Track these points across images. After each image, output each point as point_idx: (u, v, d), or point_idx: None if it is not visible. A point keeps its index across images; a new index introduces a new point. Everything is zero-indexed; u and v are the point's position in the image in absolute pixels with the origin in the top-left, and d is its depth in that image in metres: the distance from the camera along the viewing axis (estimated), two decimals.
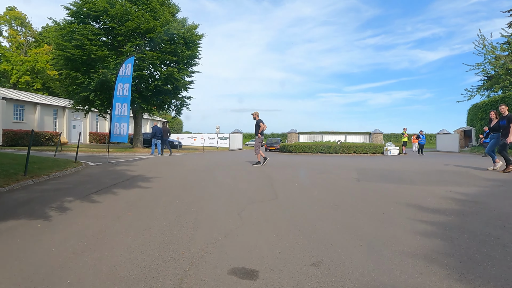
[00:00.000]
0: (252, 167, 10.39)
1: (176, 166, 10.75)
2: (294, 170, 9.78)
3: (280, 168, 10.46)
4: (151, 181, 7.26)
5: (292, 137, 35.01)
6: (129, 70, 10.95)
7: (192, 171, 9.47)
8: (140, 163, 11.91)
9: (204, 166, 10.82)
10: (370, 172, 9.30)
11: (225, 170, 9.86)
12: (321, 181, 7.52)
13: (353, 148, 20.70)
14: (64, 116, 28.27)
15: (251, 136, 64.38)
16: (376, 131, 33.94)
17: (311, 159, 15.31)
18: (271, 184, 6.93)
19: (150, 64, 18.88)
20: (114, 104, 11.08)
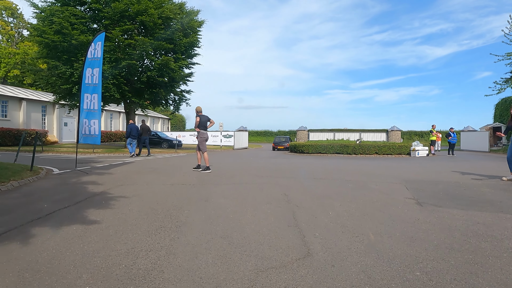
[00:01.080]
0: (261, 179, 7.85)
1: (161, 176, 8.27)
2: (318, 184, 7.21)
3: (298, 179, 7.90)
4: (109, 207, 4.78)
5: (301, 135, 32.40)
6: (99, 51, 8.48)
7: (179, 185, 6.96)
8: (119, 170, 9.45)
9: (197, 177, 8.31)
10: (424, 186, 6.71)
11: (224, 182, 7.35)
12: (365, 205, 4.97)
13: (374, 148, 18.04)
14: (54, 112, 26.02)
15: (258, 133, 61.85)
16: (394, 128, 31.18)
17: (331, 163, 12.71)
18: (292, 215, 4.39)
19: (142, 52, 16.41)
20: (82, 95, 8.62)
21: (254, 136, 58.98)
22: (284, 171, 9.49)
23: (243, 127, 36.22)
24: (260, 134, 62.51)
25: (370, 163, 12.83)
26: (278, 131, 61.66)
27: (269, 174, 8.67)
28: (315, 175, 8.61)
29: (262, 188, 6.45)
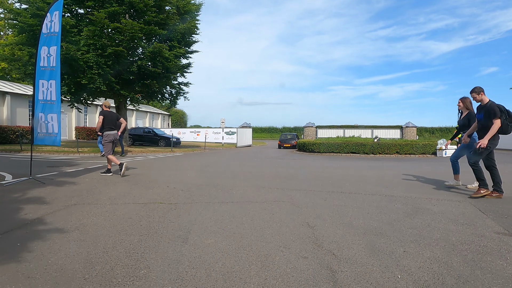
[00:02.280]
0: (270, 194, 5.83)
1: (137, 188, 6.28)
2: (350, 202, 5.15)
3: (319, 193, 5.86)
4: (17, 259, 2.80)
5: (309, 132, 30.33)
6: (57, 24, 6.47)
7: (154, 205, 4.97)
8: (89, 177, 7.49)
9: (184, 191, 6.31)
10: (501, 206, 4.64)
11: (218, 199, 5.34)
12: (443, 251, 2.96)
13: (395, 147, 15.93)
14: None
15: (262, 130, 59.74)
16: (409, 125, 29.01)
17: (352, 167, 10.64)
18: (332, 279, 2.36)
19: (131, 38, 14.38)
20: (37, 82, 6.61)
21: (258, 132, 56.91)
22: (297, 179, 7.45)
23: (246, 123, 34.21)
24: (264, 130, 60.45)
25: (397, 166, 10.75)
26: (283, 128, 59.55)
27: (280, 185, 6.65)
28: (341, 185, 6.57)
29: (273, 212, 4.43)
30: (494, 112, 5.06)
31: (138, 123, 38.45)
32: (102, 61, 14.07)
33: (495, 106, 5.11)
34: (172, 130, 34.32)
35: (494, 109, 5.07)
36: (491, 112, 5.08)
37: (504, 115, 5.11)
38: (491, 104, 5.17)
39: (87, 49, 14.20)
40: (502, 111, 5.12)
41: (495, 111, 5.05)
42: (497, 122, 5.04)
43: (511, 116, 5.14)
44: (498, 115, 5.04)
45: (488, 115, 5.13)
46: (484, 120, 5.22)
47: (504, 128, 5.10)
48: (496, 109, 5.06)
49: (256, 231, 3.59)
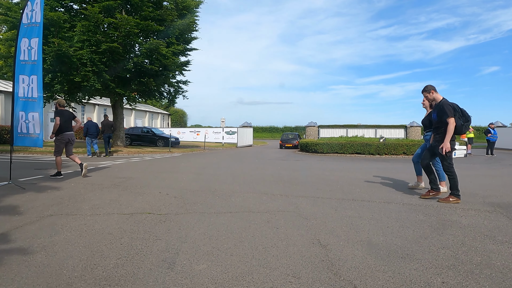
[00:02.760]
0: (273, 202, 5.21)
1: (125, 195, 5.68)
2: (366, 212, 4.53)
3: (328, 201, 5.24)
4: None
5: (311, 132, 29.70)
6: (38, 13, 5.87)
7: (141, 216, 4.37)
8: (74, 182, 6.89)
9: (177, 198, 5.72)
10: None
11: (215, 209, 4.74)
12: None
13: (402, 147, 15.29)
14: None
15: (263, 129, 59.10)
16: (413, 124, 28.35)
17: (359, 169, 10.04)
18: None
19: (127, 34, 13.76)
20: (17, 78, 6.01)
21: (258, 132, 56.29)
22: (302, 184, 6.84)
23: (247, 123, 33.60)
24: (265, 130, 59.82)
25: (408, 169, 10.13)
26: (284, 127, 58.93)
27: (283, 190, 6.04)
28: (351, 191, 5.96)
29: (277, 226, 3.82)
30: (446, 111, 4.72)
31: (137, 123, 37.87)
32: (97, 58, 13.47)
33: (447, 104, 4.79)
34: (171, 129, 33.73)
35: (446, 108, 4.74)
36: (443, 111, 4.75)
37: (458, 114, 4.81)
38: (443, 102, 4.84)
39: (81, 45, 13.60)
40: (456, 110, 4.81)
41: (447, 110, 4.72)
42: (451, 122, 4.70)
43: (465, 115, 4.86)
44: (451, 115, 4.73)
45: (441, 115, 4.80)
46: (438, 120, 4.89)
47: (458, 128, 4.78)
48: (448, 108, 4.74)
49: (258, 252, 2.99)
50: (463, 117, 4.83)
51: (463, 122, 4.82)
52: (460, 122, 4.79)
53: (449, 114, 4.72)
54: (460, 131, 4.87)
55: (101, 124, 14.85)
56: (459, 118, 4.80)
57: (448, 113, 4.72)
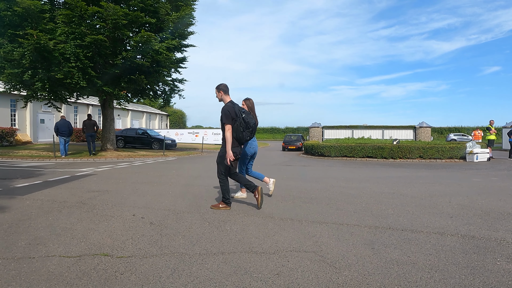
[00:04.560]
0: (280, 234, 3.81)
1: (89, 218, 4.32)
2: (419, 254, 3.15)
3: (356, 229, 3.87)
4: None
5: (315, 133, 28.31)
6: None
7: (91, 265, 3.00)
8: (32, 199, 5.54)
9: (154, 224, 4.36)
10: None
11: (202, 251, 3.37)
12: None
13: (418, 150, 13.90)
14: (28, 108, 22.21)
15: (264, 130, 57.78)
16: (423, 125, 26.94)
17: (379, 177, 8.67)
18: None
19: (114, 26, 12.42)
20: None
21: (259, 133, 54.99)
22: (317, 200, 5.47)
23: None
24: (267, 131, 58.52)
25: (438, 178, 8.76)
26: (285, 128, 57.64)
27: (294, 211, 4.67)
28: (383, 213, 4.59)
29: (294, 283, 2.45)
30: (223, 117, 4.47)
31: (133, 124, 36.56)
32: (81, 52, 12.13)
33: (227, 109, 4.46)
34: (169, 131, 32.45)
35: (224, 113, 4.46)
36: (222, 116, 4.49)
37: (239, 120, 4.50)
38: (224, 107, 4.52)
39: (64, 38, 12.26)
40: (237, 115, 4.51)
41: (224, 115, 4.45)
42: (226, 128, 4.43)
43: (247, 121, 4.55)
44: (227, 121, 4.45)
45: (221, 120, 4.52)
46: (222, 125, 4.54)
47: (238, 134, 4.49)
48: (226, 113, 4.45)
49: None
50: (244, 123, 4.53)
51: (244, 129, 4.51)
52: (240, 128, 4.49)
53: (224, 120, 4.46)
54: (240, 138, 4.54)
55: (83, 124, 14.45)
56: (239, 124, 4.49)
57: (224, 119, 4.46)
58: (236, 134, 4.49)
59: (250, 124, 4.58)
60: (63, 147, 13.63)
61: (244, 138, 4.58)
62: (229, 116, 4.45)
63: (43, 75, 12.33)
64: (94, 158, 13.34)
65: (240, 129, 4.50)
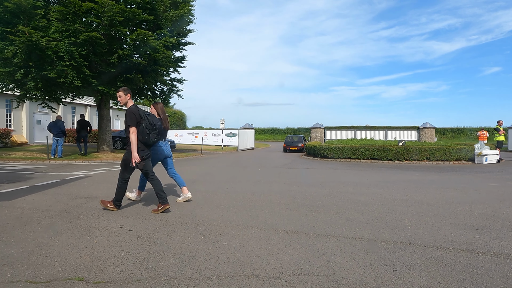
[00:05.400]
0: (287, 253, 3.32)
1: (67, 233, 3.86)
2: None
3: (374, 246, 3.38)
4: None
5: (317, 133, 27.85)
6: None
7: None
8: (12, 207, 5.07)
9: (141, 238, 3.89)
10: None
11: (195, 274, 2.89)
12: None
13: (424, 152, 13.41)
14: (23, 108, 21.81)
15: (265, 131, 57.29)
16: (426, 125, 26.49)
17: (390, 183, 8.19)
18: None
19: (110, 23, 11.96)
20: None
21: (260, 134, 54.50)
22: (324, 208, 4.99)
23: (248, 124, 31.79)
24: (267, 132, 58.01)
25: (450, 182, 8.29)
26: (286, 129, 57.12)
27: (300, 223, 4.20)
28: (399, 225, 4.12)
29: None
30: (128, 119, 4.46)
31: None
32: (75, 50, 11.67)
33: (132, 111, 4.45)
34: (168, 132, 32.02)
35: (129, 115, 4.45)
36: (127, 119, 4.46)
37: (145, 122, 4.51)
38: (129, 109, 4.52)
39: (58, 36, 11.80)
40: (142, 117, 4.51)
41: (129, 117, 4.44)
42: (131, 131, 4.41)
43: (153, 124, 4.60)
44: (132, 123, 4.41)
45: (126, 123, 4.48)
46: (126, 127, 4.52)
47: (144, 137, 4.48)
48: (131, 116, 4.43)
49: None
50: (150, 125, 4.54)
51: (150, 131, 4.51)
52: (145, 130, 4.48)
53: (130, 122, 4.42)
54: (147, 140, 4.52)
55: (76, 124, 14.34)
56: (145, 127, 4.48)
57: (128, 121, 4.43)
58: (142, 136, 4.46)
59: (156, 126, 4.61)
60: (54, 148, 13.28)
61: (151, 140, 4.57)
62: (134, 118, 4.42)
63: (35, 74, 11.88)
64: (89, 160, 12.89)
65: (146, 131, 4.49)
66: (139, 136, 4.44)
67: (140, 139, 4.46)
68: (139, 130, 4.44)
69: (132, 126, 4.40)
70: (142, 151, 4.51)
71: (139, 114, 4.48)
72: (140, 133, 4.44)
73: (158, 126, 4.68)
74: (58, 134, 13.34)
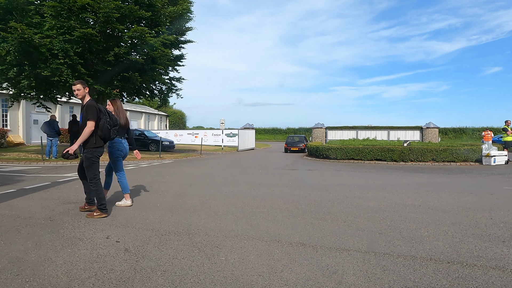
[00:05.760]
0: (294, 271, 2.92)
1: (46, 246, 3.48)
2: None
3: (399, 279, 2.98)
4: None
5: (318, 134, 27.45)
6: None
7: None
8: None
9: (128, 252, 3.50)
10: None
11: None
12: None
13: (430, 153, 13.01)
14: (20, 107, 21.45)
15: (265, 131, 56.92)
16: (430, 125, 26.07)
17: (399, 187, 7.80)
18: None
19: (106, 20, 11.59)
20: None
21: (261, 134, 54.13)
22: (331, 215, 4.60)
23: (249, 124, 31.42)
24: (268, 132, 57.64)
25: (462, 184, 7.89)
26: (287, 129, 56.74)
27: (305, 232, 3.81)
28: (417, 236, 3.73)
29: None
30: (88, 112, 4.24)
31: (132, 125, 35.75)
32: (69, 47, 11.30)
33: (93, 105, 4.29)
34: (168, 132, 31.66)
35: (90, 108, 4.24)
36: (87, 112, 4.25)
37: (105, 117, 4.39)
38: (89, 102, 4.32)
39: (53, 33, 11.43)
40: (103, 112, 4.39)
41: (90, 111, 4.23)
42: (89, 125, 4.21)
43: (113, 119, 4.52)
44: (92, 117, 4.22)
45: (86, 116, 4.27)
46: (83, 122, 4.33)
47: (105, 132, 4.36)
48: (92, 109, 4.24)
49: None
50: (111, 120, 4.44)
51: (110, 126, 4.41)
52: (106, 126, 4.34)
53: (90, 115, 4.20)
54: (107, 135, 4.41)
55: (68, 125, 13.93)
56: (106, 122, 4.34)
57: (90, 115, 4.20)
58: (102, 132, 4.31)
59: (117, 122, 4.53)
60: (49, 149, 12.94)
61: (111, 136, 4.48)
62: (95, 112, 4.23)
63: (29, 73, 11.51)
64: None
65: (107, 127, 4.36)
66: (99, 132, 4.29)
67: (100, 134, 4.31)
68: (99, 125, 4.27)
69: (92, 120, 4.20)
70: (98, 148, 4.38)
71: (99, 109, 4.32)
72: (101, 129, 4.29)
73: (119, 123, 4.63)
74: (52, 134, 12.99)
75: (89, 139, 4.28)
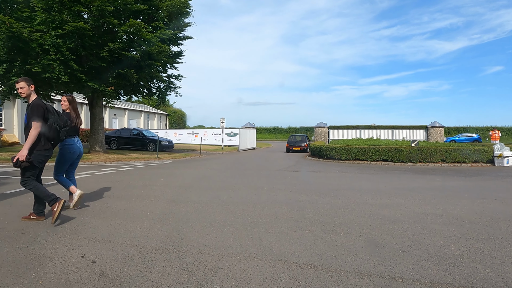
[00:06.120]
0: None
1: (7, 268, 2.91)
2: None
3: None
4: None
5: (320, 133, 26.87)
6: None
7: None
8: None
9: (105, 276, 2.91)
10: None
11: None
12: None
13: (440, 153, 12.42)
14: (15, 106, 20.95)
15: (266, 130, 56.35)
16: (435, 125, 25.48)
17: (413, 191, 7.24)
18: None
19: (99, 13, 11.02)
20: None
21: (262, 133, 53.58)
22: (343, 227, 4.04)
23: (250, 123, 30.86)
24: (269, 131, 57.09)
25: (483, 190, 7.32)
26: (288, 128, 56.20)
27: (316, 249, 3.25)
28: (449, 255, 3.19)
29: None
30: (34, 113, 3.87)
31: (131, 124, 35.24)
32: (61, 42, 10.75)
33: (38, 105, 3.95)
34: (167, 131, 31.12)
35: (36, 108, 3.89)
36: (32, 111, 3.89)
37: (54, 117, 4.07)
38: (35, 102, 3.97)
39: (46, 27, 10.87)
40: (51, 112, 4.07)
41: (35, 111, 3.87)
42: (35, 126, 3.84)
43: (63, 119, 4.22)
44: (38, 118, 3.86)
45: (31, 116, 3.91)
46: (28, 123, 3.97)
47: (54, 133, 4.06)
48: (37, 109, 3.89)
49: None
50: (61, 120, 4.17)
51: (59, 127, 4.14)
52: (55, 126, 4.07)
53: (36, 117, 3.86)
54: (56, 137, 4.16)
55: None
56: (54, 122, 4.06)
57: (35, 115, 3.87)
58: (51, 133, 4.02)
59: (67, 122, 4.28)
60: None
61: (61, 137, 4.23)
62: (40, 112, 3.90)
63: (19, 69, 10.96)
64: (83, 161, 11.96)
65: (56, 127, 4.08)
66: (47, 133, 3.98)
67: (48, 135, 4.01)
68: (47, 126, 3.96)
69: (37, 121, 3.86)
70: (46, 150, 4.03)
71: (46, 108, 4.00)
72: (49, 129, 4.00)
73: (69, 123, 4.41)
74: None
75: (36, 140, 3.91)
